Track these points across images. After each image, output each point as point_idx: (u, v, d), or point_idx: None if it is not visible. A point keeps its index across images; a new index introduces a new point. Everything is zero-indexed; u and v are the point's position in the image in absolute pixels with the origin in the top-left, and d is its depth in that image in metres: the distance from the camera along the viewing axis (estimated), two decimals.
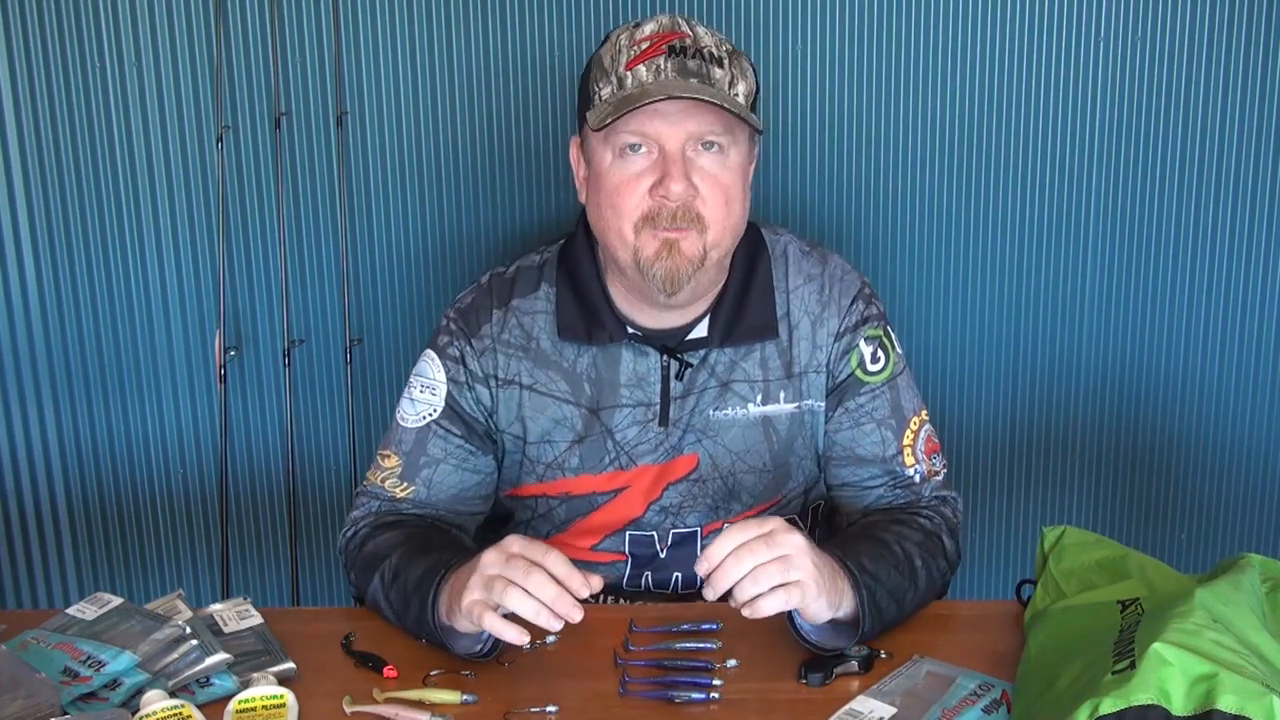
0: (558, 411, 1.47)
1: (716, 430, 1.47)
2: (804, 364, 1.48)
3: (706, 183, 1.35)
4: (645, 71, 1.34)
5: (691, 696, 1.21)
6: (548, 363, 1.47)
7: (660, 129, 1.33)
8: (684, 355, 1.45)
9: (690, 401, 1.46)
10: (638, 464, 1.48)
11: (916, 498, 1.48)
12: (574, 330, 1.45)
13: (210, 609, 1.36)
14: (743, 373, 1.47)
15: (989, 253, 2.01)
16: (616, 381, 1.46)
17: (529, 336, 1.47)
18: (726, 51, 1.38)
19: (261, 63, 1.90)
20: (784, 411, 1.48)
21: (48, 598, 2.16)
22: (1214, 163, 1.97)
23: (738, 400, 1.47)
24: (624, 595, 1.55)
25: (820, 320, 1.48)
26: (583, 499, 1.50)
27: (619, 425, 1.47)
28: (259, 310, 2.02)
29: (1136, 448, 2.12)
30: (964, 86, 1.93)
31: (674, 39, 1.35)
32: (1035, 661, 1.17)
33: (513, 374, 1.47)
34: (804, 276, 1.49)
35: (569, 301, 1.46)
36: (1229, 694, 0.94)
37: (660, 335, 1.46)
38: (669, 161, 1.33)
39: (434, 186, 1.97)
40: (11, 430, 2.06)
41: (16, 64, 1.90)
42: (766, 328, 1.46)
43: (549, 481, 1.50)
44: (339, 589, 2.16)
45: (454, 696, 1.21)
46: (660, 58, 1.34)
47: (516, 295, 1.49)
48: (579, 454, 1.48)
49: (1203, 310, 2.05)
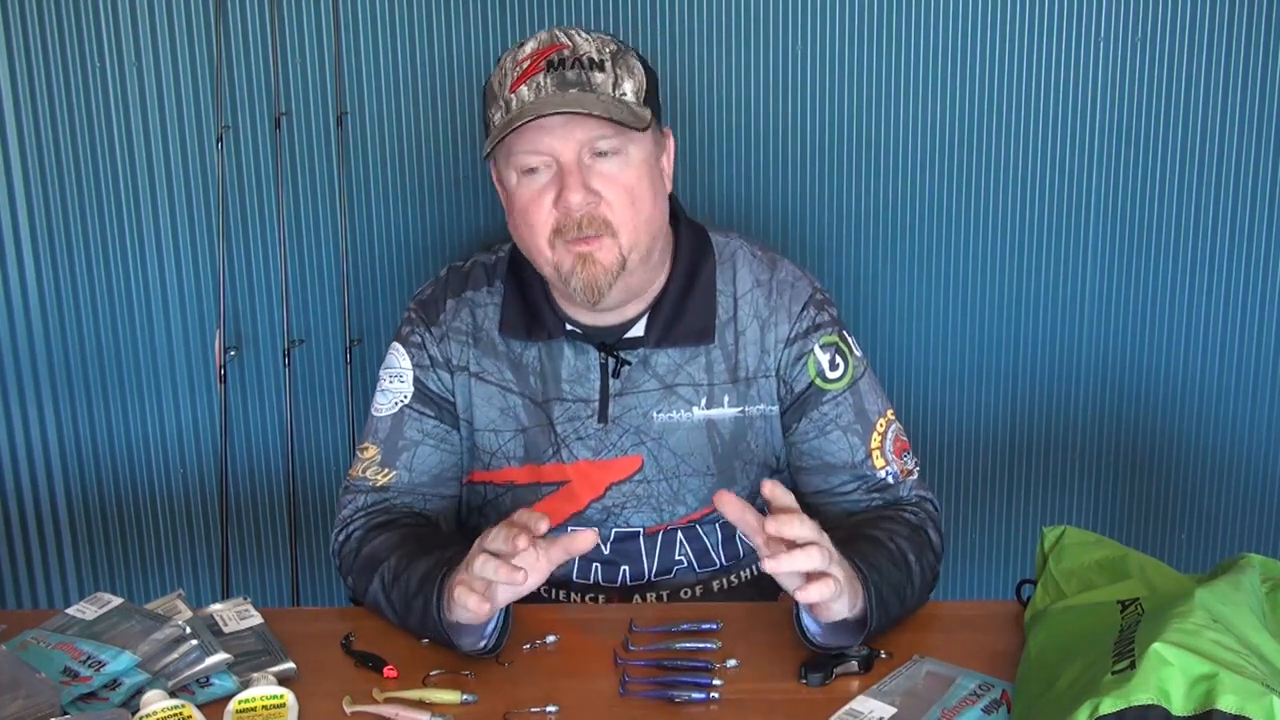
0: (503, 400, 1.50)
1: (660, 432, 1.48)
2: (751, 369, 1.48)
3: (608, 187, 1.36)
4: (527, 91, 1.35)
5: (691, 696, 1.21)
6: (495, 353, 1.50)
7: (551, 144, 1.35)
8: (621, 353, 1.47)
9: (630, 401, 1.48)
10: (578, 459, 1.50)
11: (896, 498, 1.49)
12: (515, 327, 1.49)
13: (210, 609, 1.36)
14: (687, 376, 1.48)
15: (989, 253, 2.01)
16: (559, 376, 1.49)
17: (478, 327, 1.51)
18: (610, 53, 1.38)
19: (261, 63, 1.91)
20: (728, 415, 1.49)
21: (48, 598, 2.16)
22: (1214, 163, 1.97)
23: (682, 403, 1.48)
24: (574, 589, 1.55)
25: (769, 325, 1.48)
26: (527, 489, 1.52)
27: (559, 418, 1.49)
28: (259, 310, 2.02)
29: (1136, 448, 2.12)
30: (964, 87, 1.93)
31: (552, 52, 1.37)
32: (1035, 661, 1.17)
33: (464, 361, 1.51)
34: (753, 280, 1.50)
35: (514, 299, 1.50)
36: (1229, 694, 0.94)
37: (598, 332, 1.48)
38: (565, 174, 1.35)
39: (434, 186, 1.97)
40: (11, 430, 2.06)
41: (16, 64, 1.90)
42: (704, 331, 1.47)
43: (495, 470, 1.53)
44: (339, 589, 2.15)
45: (454, 696, 1.21)
46: (539, 75, 1.35)
47: (470, 287, 1.53)
48: (523, 444, 1.50)
49: (1203, 311, 2.05)
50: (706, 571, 1.56)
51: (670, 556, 1.53)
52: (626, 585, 1.54)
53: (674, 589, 1.55)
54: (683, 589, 1.55)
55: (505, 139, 1.36)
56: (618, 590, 1.55)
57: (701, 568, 1.55)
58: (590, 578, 1.55)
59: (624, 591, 1.55)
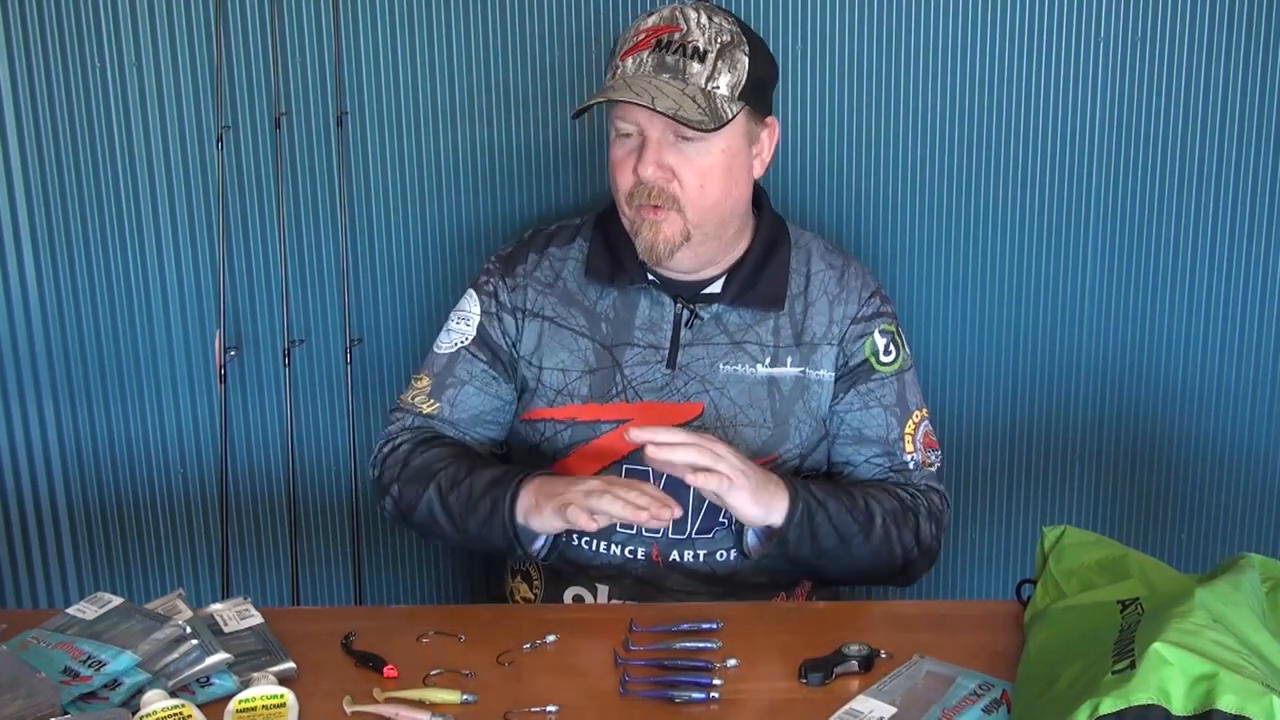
0: (574, 343, 1.61)
1: (724, 383, 1.58)
2: (816, 335, 1.60)
3: (683, 167, 1.48)
4: (631, 64, 1.48)
5: (691, 696, 1.21)
6: (571, 300, 1.62)
7: (640, 118, 1.48)
8: (696, 307, 1.58)
9: (699, 351, 1.58)
10: (643, 399, 1.59)
11: (906, 480, 1.61)
12: (599, 272, 1.61)
13: (210, 609, 1.36)
14: (755, 336, 1.59)
15: (989, 253, 2.01)
16: (632, 323, 1.60)
17: (557, 276, 1.64)
18: (720, 44, 1.48)
19: (261, 63, 1.91)
20: (789, 374, 1.59)
21: (48, 598, 2.16)
22: (1214, 163, 1.97)
23: (747, 359, 1.58)
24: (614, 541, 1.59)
25: (838, 300, 1.61)
26: (586, 425, 1.59)
27: (629, 362, 1.59)
28: (259, 310, 2.02)
29: (1136, 447, 2.12)
30: (964, 86, 1.93)
31: (664, 32, 1.48)
32: (1035, 661, 1.17)
33: (538, 307, 1.62)
34: (825, 265, 1.63)
35: (600, 248, 1.62)
36: (1229, 694, 0.94)
37: (678, 285, 1.60)
38: (645, 147, 1.48)
39: (434, 186, 1.97)
40: (11, 430, 2.06)
41: (16, 64, 1.90)
42: (776, 299, 1.59)
43: (558, 407, 1.61)
44: (339, 589, 2.16)
45: (454, 696, 1.21)
46: (646, 51, 1.48)
47: (554, 245, 1.66)
48: (589, 384, 1.60)
49: (1203, 310, 2.05)
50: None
51: (715, 513, 1.57)
52: (668, 537, 1.58)
53: (711, 550, 1.59)
54: (719, 550, 1.59)
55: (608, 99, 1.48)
56: (658, 541, 1.58)
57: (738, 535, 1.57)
58: (634, 526, 1.57)
59: (664, 545, 1.58)
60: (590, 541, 1.59)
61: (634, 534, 1.58)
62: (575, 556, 1.61)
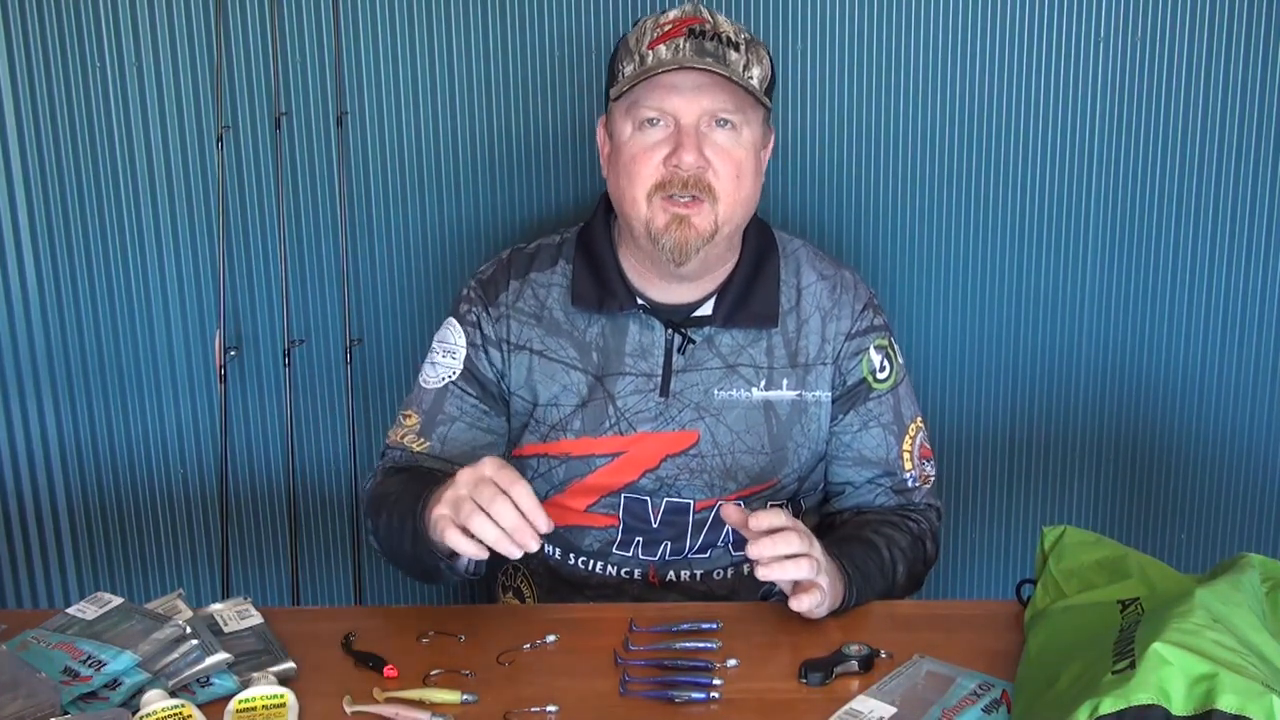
0: (565, 377, 1.55)
1: (719, 409, 1.54)
2: (811, 356, 1.56)
3: (719, 156, 1.44)
4: (665, 50, 1.43)
5: (691, 696, 1.21)
6: (559, 330, 1.56)
7: (677, 104, 1.42)
8: (688, 331, 1.53)
9: (692, 377, 1.54)
10: (637, 430, 1.54)
11: (909, 502, 1.59)
12: (586, 299, 1.54)
13: (210, 609, 1.36)
14: (749, 358, 1.54)
15: (989, 253, 2.01)
16: (622, 351, 1.54)
17: (542, 306, 1.57)
18: (744, 39, 1.47)
19: (261, 63, 1.91)
20: (785, 398, 1.55)
21: (48, 598, 2.16)
22: (1214, 161, 1.97)
23: (742, 383, 1.54)
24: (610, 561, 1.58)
25: (831, 316, 1.57)
26: (581, 460, 1.55)
27: (621, 392, 1.54)
28: (259, 310, 2.02)
29: (1136, 447, 2.12)
30: (964, 86, 1.93)
31: (694, 23, 1.45)
32: (1035, 661, 1.17)
33: (524, 340, 1.56)
34: (816, 275, 1.59)
35: (584, 273, 1.55)
36: (1229, 694, 0.94)
37: (667, 309, 1.54)
38: (683, 134, 1.42)
39: (434, 186, 1.97)
40: (11, 430, 2.06)
41: (16, 64, 1.90)
42: (768, 316, 1.54)
43: (551, 442, 1.56)
44: (339, 589, 2.16)
45: (454, 696, 1.21)
46: (680, 38, 1.43)
47: (534, 269, 1.59)
48: (581, 417, 1.54)
49: (1203, 310, 2.05)
50: (740, 555, 1.57)
51: (715, 534, 1.56)
52: (665, 559, 1.57)
53: (708, 569, 1.58)
54: (715, 570, 1.58)
55: (633, 89, 1.43)
56: (655, 563, 1.57)
57: (737, 550, 1.57)
58: (631, 550, 1.57)
59: (660, 566, 1.57)
60: (586, 561, 1.59)
61: (630, 555, 1.58)
62: (570, 575, 1.60)
